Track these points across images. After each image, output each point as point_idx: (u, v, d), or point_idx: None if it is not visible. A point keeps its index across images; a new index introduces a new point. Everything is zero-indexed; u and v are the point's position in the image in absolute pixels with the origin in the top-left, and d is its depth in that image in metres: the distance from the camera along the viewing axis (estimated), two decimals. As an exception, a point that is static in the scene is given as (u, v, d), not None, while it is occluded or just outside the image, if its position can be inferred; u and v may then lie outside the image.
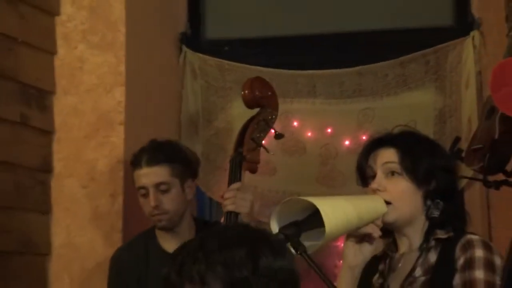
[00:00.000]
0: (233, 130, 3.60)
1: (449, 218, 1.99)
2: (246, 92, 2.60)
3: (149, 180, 2.71)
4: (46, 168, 3.16)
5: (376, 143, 2.06)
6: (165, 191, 2.71)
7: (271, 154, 2.64)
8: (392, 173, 1.99)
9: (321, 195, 3.30)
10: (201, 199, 3.66)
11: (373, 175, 2.01)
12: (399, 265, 2.00)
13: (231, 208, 2.48)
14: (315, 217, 1.77)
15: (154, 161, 2.72)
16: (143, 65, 3.35)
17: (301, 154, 3.58)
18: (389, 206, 1.95)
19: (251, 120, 2.62)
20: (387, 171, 1.99)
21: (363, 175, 2.06)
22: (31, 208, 3.08)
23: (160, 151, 2.75)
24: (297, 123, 3.59)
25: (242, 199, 2.49)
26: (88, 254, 3.12)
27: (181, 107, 3.65)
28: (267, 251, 1.44)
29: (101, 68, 3.21)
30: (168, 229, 2.75)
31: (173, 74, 3.64)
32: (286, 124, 3.56)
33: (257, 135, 2.57)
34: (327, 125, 3.58)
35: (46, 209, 3.15)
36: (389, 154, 2.01)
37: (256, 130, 2.58)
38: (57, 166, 3.19)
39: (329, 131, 3.57)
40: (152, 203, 2.70)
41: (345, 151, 3.50)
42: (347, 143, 3.54)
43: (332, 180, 3.55)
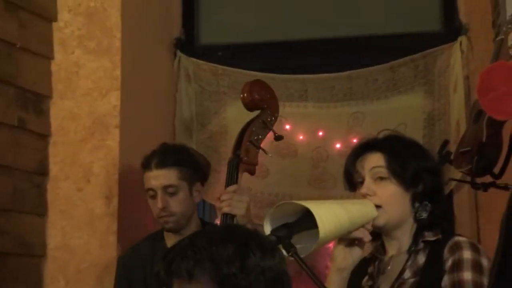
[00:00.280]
0: (227, 133, 3.62)
1: (437, 219, 2.00)
2: (244, 95, 2.58)
3: (157, 182, 2.73)
4: (42, 171, 3.16)
5: (362, 148, 2.06)
6: (173, 194, 2.73)
7: (269, 156, 2.63)
8: (380, 178, 1.99)
9: (312, 197, 3.37)
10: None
11: (361, 180, 2.02)
12: (388, 267, 2.01)
13: (227, 210, 2.46)
14: (306, 220, 1.77)
15: (163, 164, 2.73)
16: (138, 70, 3.35)
17: (293, 157, 3.58)
18: (379, 210, 1.96)
19: (250, 122, 2.61)
20: (375, 176, 2.00)
21: (351, 180, 2.06)
22: (28, 210, 3.08)
23: (169, 155, 2.77)
24: (289, 127, 3.59)
25: (238, 201, 2.47)
26: (83, 256, 3.12)
27: (175, 111, 3.65)
28: (255, 250, 1.44)
29: (97, 73, 3.21)
30: (175, 231, 2.75)
31: (167, 78, 3.65)
32: (278, 127, 3.52)
33: (255, 137, 2.56)
34: (319, 128, 3.59)
35: (42, 212, 3.14)
36: (376, 158, 2.01)
37: (254, 132, 2.57)
38: (53, 169, 3.19)
39: (321, 134, 3.58)
40: (159, 205, 2.71)
41: (336, 154, 3.51)
42: (338, 146, 3.55)
43: (323, 182, 3.56)
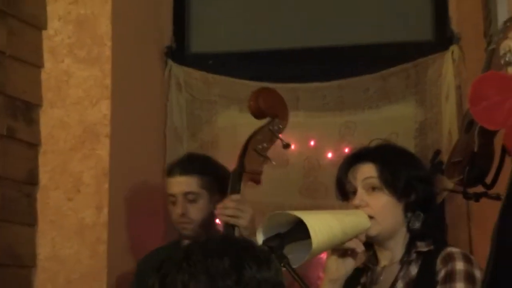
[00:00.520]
0: (218, 142, 3.61)
1: (429, 229, 2.00)
2: (251, 103, 2.55)
3: (178, 188, 2.75)
4: (32, 180, 3.14)
5: (354, 158, 2.06)
6: (192, 201, 2.74)
7: (274, 164, 2.62)
8: (372, 188, 2.00)
9: (304, 207, 3.36)
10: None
11: (354, 190, 2.02)
12: (381, 278, 2.00)
13: (229, 220, 2.45)
14: (299, 230, 1.77)
15: (186, 171, 2.76)
16: (129, 79, 3.34)
17: (284, 166, 3.57)
18: (371, 220, 1.95)
19: (256, 131, 2.59)
20: (367, 186, 2.00)
21: (343, 190, 2.06)
22: (17, 220, 3.06)
23: (193, 163, 2.80)
24: (280, 136, 3.57)
25: (241, 211, 2.44)
26: (73, 266, 3.10)
27: (166, 120, 3.64)
28: (251, 262, 1.42)
29: (87, 81, 3.20)
30: (192, 238, 2.72)
31: (158, 87, 3.63)
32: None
33: (260, 146, 2.54)
34: (310, 137, 3.58)
35: (31, 221, 3.12)
36: (368, 169, 2.01)
37: (259, 141, 2.55)
38: (43, 178, 3.17)
39: (312, 143, 3.57)
40: (178, 210, 2.73)
41: (328, 164, 3.50)
42: (329, 155, 3.54)
43: (314, 191, 3.55)
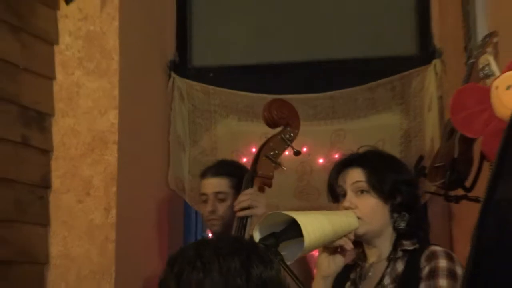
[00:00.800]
0: (217, 149, 3.61)
1: (414, 228, 2.00)
2: (265, 113, 2.57)
3: (210, 188, 2.81)
4: (45, 184, 3.14)
5: (344, 164, 2.07)
6: (222, 200, 2.79)
7: (284, 169, 2.63)
8: (361, 191, 2.00)
9: (297, 208, 3.36)
10: (188, 213, 3.66)
11: (344, 193, 2.02)
12: (369, 273, 2.00)
13: (242, 213, 2.48)
14: (292, 229, 1.77)
15: (217, 173, 2.82)
16: (135, 90, 3.34)
17: (279, 171, 3.57)
18: (360, 220, 1.96)
19: (269, 138, 2.61)
20: (356, 189, 2.00)
21: (334, 193, 2.07)
22: (31, 221, 3.05)
23: (223, 166, 2.88)
24: (291, 144, 3.57)
25: (254, 201, 2.48)
26: (83, 263, 3.09)
27: (169, 128, 3.64)
28: (258, 262, 1.43)
29: (96, 92, 3.20)
30: (220, 234, 2.77)
31: (162, 98, 3.64)
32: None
33: (272, 153, 2.56)
34: (303, 144, 3.56)
35: (44, 222, 3.12)
36: (356, 173, 2.01)
37: (271, 147, 2.57)
38: (55, 182, 3.17)
39: (305, 150, 3.57)
40: (209, 208, 2.78)
41: (320, 168, 3.50)
42: (321, 161, 3.54)
43: (307, 194, 3.55)
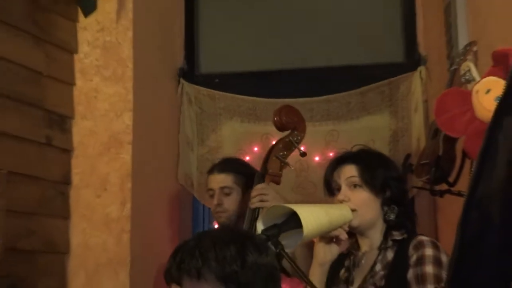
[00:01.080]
0: (222, 148, 3.61)
1: (403, 220, 2.00)
2: (275, 118, 2.60)
3: (216, 184, 2.80)
4: (66, 180, 3.14)
5: (338, 161, 2.06)
6: (227, 194, 2.78)
7: (292, 168, 2.65)
8: (354, 186, 1.99)
9: (295, 201, 3.35)
10: (196, 206, 3.66)
11: (338, 188, 2.02)
12: (362, 261, 2.00)
13: (258, 204, 2.47)
14: (292, 220, 1.77)
15: (222, 170, 2.82)
16: (148, 95, 3.34)
17: (287, 169, 3.57)
18: (354, 213, 1.95)
19: (278, 140, 2.63)
20: (350, 184, 2.00)
21: (330, 188, 2.06)
22: (53, 214, 3.06)
23: (229, 163, 2.87)
24: (275, 142, 3.57)
25: (265, 195, 2.48)
26: (101, 252, 3.09)
27: (179, 129, 3.64)
28: (253, 250, 1.44)
29: (112, 97, 3.20)
30: (226, 225, 2.76)
31: (172, 102, 3.64)
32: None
33: (281, 153, 2.58)
34: (301, 144, 3.57)
35: (66, 215, 3.12)
36: (350, 170, 2.01)
37: (280, 149, 2.59)
38: (75, 179, 3.17)
39: (302, 149, 3.56)
40: (215, 201, 2.78)
41: (316, 165, 3.50)
42: (317, 158, 3.54)
43: (304, 189, 3.55)
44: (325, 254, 1.97)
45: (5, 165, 2.74)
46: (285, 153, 2.58)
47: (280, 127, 2.61)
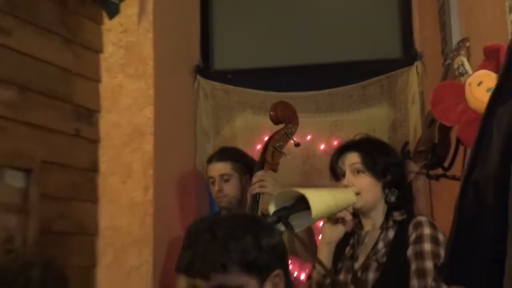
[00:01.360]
0: (236, 138, 3.61)
1: (402, 202, 1.99)
2: (271, 113, 2.60)
3: (216, 172, 2.79)
4: (94, 168, 3.15)
5: (343, 149, 2.05)
6: (226, 180, 2.77)
7: (288, 158, 2.65)
8: (357, 172, 1.98)
9: (303, 187, 3.34)
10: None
11: (343, 174, 2.01)
12: (365, 240, 2.00)
13: (258, 190, 2.49)
14: (301, 203, 1.77)
15: (221, 158, 2.81)
16: (167, 90, 3.34)
17: (288, 155, 3.56)
18: (357, 196, 1.95)
19: (275, 132, 2.62)
20: (353, 170, 1.99)
21: (335, 173, 2.06)
22: (83, 199, 3.07)
23: (226, 152, 2.85)
24: (293, 137, 3.57)
25: (264, 181, 2.49)
26: (126, 234, 3.11)
27: (196, 121, 3.64)
28: (265, 233, 1.45)
29: (135, 92, 3.20)
30: (228, 209, 2.78)
31: (189, 96, 3.64)
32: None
33: (278, 144, 2.58)
34: (307, 133, 3.57)
35: (94, 200, 3.14)
36: (353, 157, 2.00)
37: (277, 140, 2.59)
38: (102, 167, 3.18)
39: (309, 138, 3.56)
40: (216, 188, 2.78)
41: (321, 153, 3.49)
42: (322, 147, 3.53)
43: (311, 175, 3.54)
44: (332, 233, 1.97)
45: (39, 155, 2.75)
46: (281, 143, 2.59)
47: (275, 121, 2.61)
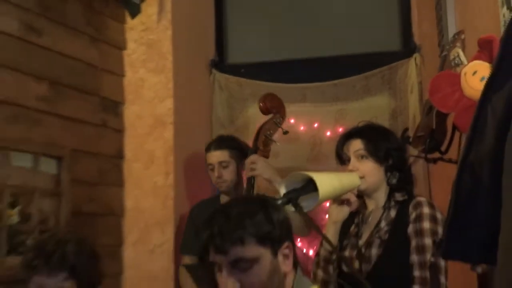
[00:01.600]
0: (248, 127, 3.61)
1: (403, 184, 1.98)
2: (261, 104, 2.63)
3: (214, 159, 2.79)
4: (119, 155, 3.17)
5: (347, 136, 2.04)
6: (225, 167, 2.77)
7: (278, 144, 2.64)
8: (361, 157, 1.97)
9: (311, 171, 3.34)
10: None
11: (348, 159, 2.00)
12: (369, 219, 1.99)
13: (250, 174, 2.51)
14: (309, 186, 1.76)
15: (219, 147, 2.80)
16: (185, 83, 3.34)
17: (296, 142, 3.57)
18: (361, 179, 1.94)
19: (265, 122, 2.63)
20: (357, 156, 1.98)
21: (341, 158, 2.05)
22: (110, 183, 3.09)
23: (223, 141, 2.84)
24: (293, 121, 3.57)
25: (255, 165, 2.50)
26: (150, 215, 3.13)
27: (212, 112, 3.64)
28: (273, 209, 1.48)
29: (156, 85, 3.21)
30: (227, 193, 2.79)
31: (206, 88, 3.63)
32: (285, 122, 3.54)
33: (268, 132, 2.59)
34: (314, 121, 3.57)
35: (120, 184, 3.15)
36: (357, 143, 1.99)
37: (267, 129, 2.60)
38: (127, 154, 3.19)
39: (316, 125, 3.56)
40: (216, 174, 2.77)
41: (327, 140, 3.49)
42: (328, 133, 3.53)
43: (318, 160, 3.54)
44: (338, 213, 1.97)
45: (69, 144, 2.77)
46: (271, 132, 2.60)
47: (264, 111, 2.63)
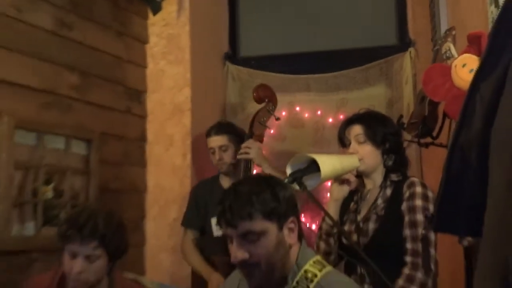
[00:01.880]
0: (258, 114, 3.61)
1: (398, 166, 1.98)
2: (254, 94, 2.67)
3: (215, 143, 2.77)
4: (142, 139, 3.18)
5: (348, 122, 2.04)
6: (224, 150, 2.76)
7: (271, 132, 2.66)
8: (361, 141, 1.97)
9: (314, 153, 3.34)
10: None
11: (349, 143, 2.00)
12: (367, 196, 2.00)
13: (241, 156, 2.54)
14: (313, 167, 1.76)
15: (218, 132, 2.78)
16: (202, 74, 3.34)
17: (301, 127, 3.56)
18: (360, 161, 1.94)
19: (258, 110, 2.66)
20: (357, 140, 1.98)
21: (342, 142, 2.05)
22: (134, 164, 3.11)
23: (222, 127, 2.82)
24: (298, 108, 3.56)
25: (248, 149, 2.53)
26: (169, 192, 3.15)
27: (225, 100, 3.64)
28: (279, 187, 1.46)
29: (175, 76, 3.21)
30: (226, 173, 2.78)
31: (220, 79, 3.63)
32: (291, 109, 3.54)
33: (262, 119, 2.61)
34: (318, 109, 3.56)
35: (143, 164, 3.18)
36: (357, 129, 1.99)
37: (261, 116, 2.63)
38: (149, 137, 3.21)
39: (319, 113, 3.55)
40: (217, 157, 2.76)
41: (330, 126, 3.48)
42: (330, 120, 3.52)
43: (321, 144, 3.53)
44: (338, 192, 1.97)
45: (98, 127, 2.79)
46: (265, 119, 2.62)
47: (257, 100, 2.66)
